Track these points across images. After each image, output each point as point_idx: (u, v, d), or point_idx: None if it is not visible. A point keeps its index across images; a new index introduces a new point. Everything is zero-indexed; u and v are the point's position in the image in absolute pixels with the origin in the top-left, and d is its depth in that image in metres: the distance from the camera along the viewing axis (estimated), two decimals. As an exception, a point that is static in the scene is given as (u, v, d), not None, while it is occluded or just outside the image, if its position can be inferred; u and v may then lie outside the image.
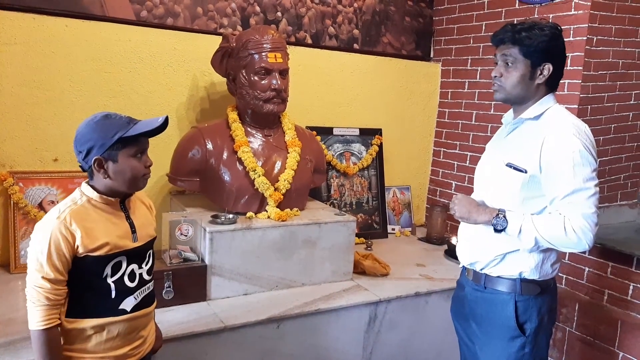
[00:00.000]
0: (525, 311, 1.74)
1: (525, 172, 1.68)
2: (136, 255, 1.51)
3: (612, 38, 2.73)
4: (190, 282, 2.19)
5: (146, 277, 1.55)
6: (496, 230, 1.69)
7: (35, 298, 1.35)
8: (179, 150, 2.51)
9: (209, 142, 2.46)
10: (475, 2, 3.28)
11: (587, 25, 2.63)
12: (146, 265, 1.55)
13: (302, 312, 2.21)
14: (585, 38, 2.63)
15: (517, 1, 3.00)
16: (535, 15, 2.87)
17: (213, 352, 2.04)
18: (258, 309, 2.19)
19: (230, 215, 2.33)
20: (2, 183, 2.36)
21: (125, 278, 1.47)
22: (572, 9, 2.69)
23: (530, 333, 1.74)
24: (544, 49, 1.68)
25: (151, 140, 1.51)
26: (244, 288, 2.31)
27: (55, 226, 1.36)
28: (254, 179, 2.39)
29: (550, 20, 1.75)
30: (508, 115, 1.88)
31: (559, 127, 1.67)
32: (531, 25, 1.71)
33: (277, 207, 2.42)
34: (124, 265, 1.47)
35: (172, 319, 2.05)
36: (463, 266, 1.94)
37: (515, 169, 1.71)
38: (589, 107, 2.72)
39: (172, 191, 2.77)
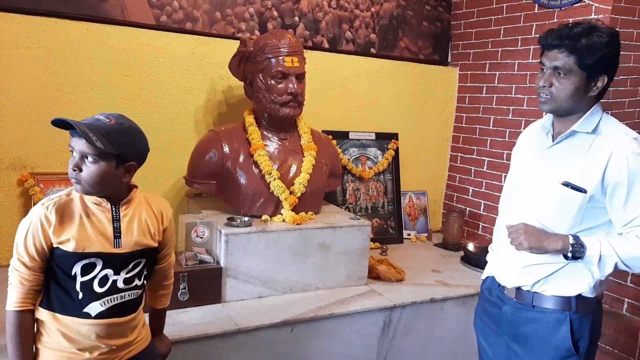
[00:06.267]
0: (579, 329, 1.63)
1: (585, 192, 1.56)
2: (115, 262, 1.43)
3: (634, 42, 2.69)
4: (206, 284, 2.20)
5: (121, 285, 1.44)
6: (573, 258, 1.56)
7: (12, 279, 1.39)
8: (196, 153, 2.53)
9: (226, 145, 2.48)
10: (494, 6, 3.26)
11: (607, 29, 2.59)
12: (127, 273, 1.45)
13: (316, 316, 2.21)
14: (605, 43, 2.58)
15: (537, 5, 2.97)
16: (555, 20, 2.84)
17: (227, 354, 2.05)
18: (272, 312, 2.20)
19: (246, 218, 2.35)
20: (23, 184, 2.41)
21: (95, 282, 1.41)
22: (593, 13, 2.66)
23: (583, 351, 1.63)
24: (602, 61, 1.55)
25: (169, 143, 1.54)
26: (259, 291, 2.32)
27: (37, 212, 1.40)
28: (270, 182, 2.40)
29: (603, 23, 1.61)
30: (547, 123, 1.73)
31: (624, 145, 1.54)
32: (588, 28, 1.56)
33: (292, 210, 2.42)
34: (98, 268, 1.41)
35: (187, 320, 2.07)
36: (490, 280, 1.83)
37: (573, 188, 1.58)
38: (609, 112, 2.66)
39: (189, 194, 2.79)
